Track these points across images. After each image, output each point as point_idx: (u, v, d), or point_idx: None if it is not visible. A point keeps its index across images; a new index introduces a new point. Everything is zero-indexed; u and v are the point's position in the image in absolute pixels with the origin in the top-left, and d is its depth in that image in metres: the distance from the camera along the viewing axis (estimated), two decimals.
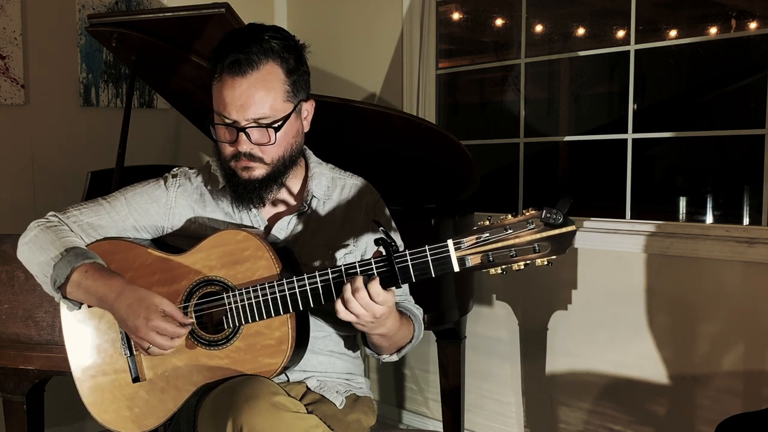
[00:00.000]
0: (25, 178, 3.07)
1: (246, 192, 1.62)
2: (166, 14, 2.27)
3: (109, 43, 2.42)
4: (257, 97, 1.54)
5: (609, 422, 2.74)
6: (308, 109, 1.67)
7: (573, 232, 1.34)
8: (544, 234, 1.35)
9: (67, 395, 2.93)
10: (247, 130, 1.56)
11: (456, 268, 1.38)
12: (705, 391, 2.49)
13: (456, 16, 3.36)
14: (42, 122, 3.10)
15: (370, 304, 1.42)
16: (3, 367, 2.04)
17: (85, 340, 1.68)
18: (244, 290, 1.53)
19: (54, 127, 3.13)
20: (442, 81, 3.34)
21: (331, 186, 1.73)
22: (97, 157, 2.96)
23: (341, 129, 2.48)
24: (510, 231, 1.36)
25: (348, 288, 1.43)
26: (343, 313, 1.45)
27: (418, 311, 1.73)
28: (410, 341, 1.67)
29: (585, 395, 2.80)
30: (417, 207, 2.70)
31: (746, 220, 2.60)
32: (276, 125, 1.57)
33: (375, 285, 1.41)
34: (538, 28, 3.09)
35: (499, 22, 3.27)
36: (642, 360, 2.63)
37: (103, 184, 2.50)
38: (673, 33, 2.77)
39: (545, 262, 1.36)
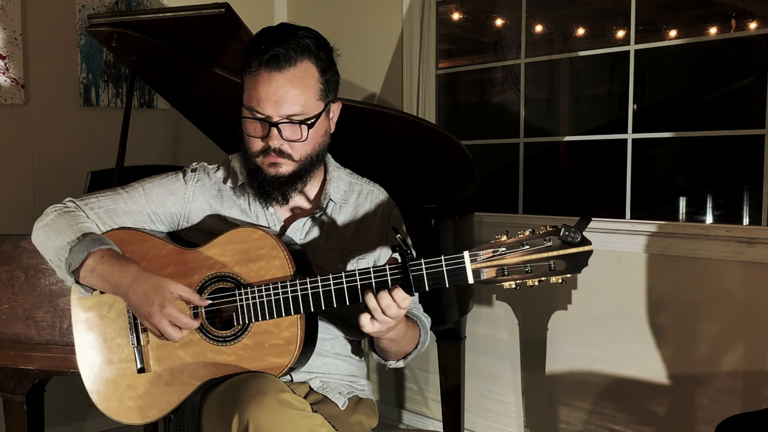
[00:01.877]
0: (25, 178, 3.08)
1: (271, 188, 1.62)
2: (167, 14, 2.27)
3: (109, 43, 2.42)
4: (293, 94, 1.55)
5: (609, 422, 2.74)
6: (335, 110, 1.68)
7: (590, 252, 1.34)
8: (561, 252, 1.34)
9: (67, 395, 2.94)
10: (279, 125, 1.56)
11: (471, 280, 1.38)
12: (705, 391, 2.49)
13: (456, 16, 3.36)
14: (42, 122, 3.10)
15: (400, 312, 1.44)
16: (3, 367, 2.04)
17: (92, 329, 1.68)
18: (256, 288, 1.53)
19: (54, 127, 3.13)
20: (442, 81, 3.34)
21: (348, 191, 1.73)
22: (97, 157, 2.96)
23: (341, 129, 2.47)
24: (527, 247, 1.35)
25: (375, 303, 1.43)
26: (368, 326, 1.45)
27: (426, 318, 1.73)
28: (416, 347, 1.67)
29: (585, 395, 2.80)
30: (417, 207, 2.70)
31: (746, 220, 2.60)
32: (309, 122, 1.57)
33: (399, 292, 1.42)
34: (538, 28, 3.09)
35: (499, 22, 3.27)
36: (642, 360, 2.63)
37: (103, 184, 2.49)
38: (673, 33, 2.77)
39: (560, 280, 1.36)
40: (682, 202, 2.91)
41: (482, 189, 2.66)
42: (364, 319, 1.45)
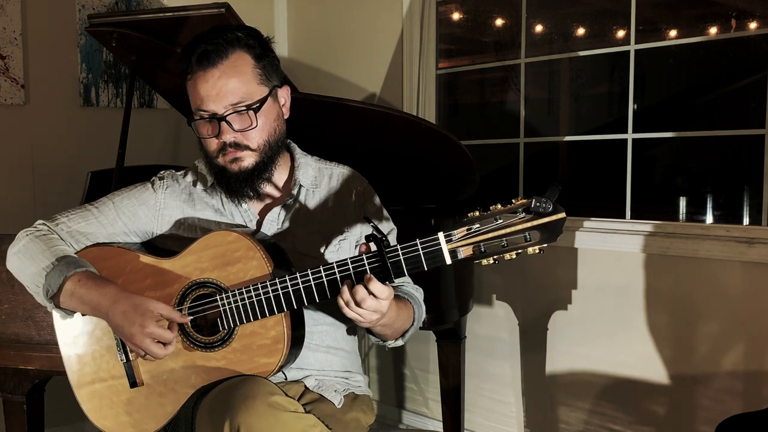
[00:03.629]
0: (25, 178, 3.07)
1: (238, 185, 1.63)
2: (167, 14, 2.27)
3: (109, 43, 2.42)
4: (231, 84, 1.56)
5: (609, 422, 2.74)
6: (284, 95, 1.69)
7: (563, 219, 1.34)
8: (535, 222, 1.35)
9: (67, 395, 2.93)
10: (227, 118, 1.57)
11: (448, 261, 1.39)
12: (705, 391, 2.49)
13: (456, 16, 3.35)
14: (42, 122, 3.10)
15: (380, 304, 1.43)
16: (3, 367, 2.04)
17: (80, 348, 1.68)
18: (237, 291, 1.53)
19: (54, 127, 3.13)
20: (442, 81, 3.34)
21: (318, 176, 1.73)
22: (97, 157, 2.96)
23: (341, 129, 2.48)
24: (500, 221, 1.36)
25: (350, 298, 1.43)
26: (346, 311, 1.46)
27: (417, 292, 1.73)
28: (412, 324, 1.67)
29: (585, 395, 2.80)
30: (417, 207, 2.70)
31: (746, 220, 2.60)
32: (255, 107, 1.58)
33: (376, 284, 1.42)
34: (538, 28, 3.09)
35: (499, 22, 3.27)
36: (642, 360, 2.63)
37: (103, 184, 2.49)
38: (673, 33, 2.77)
39: (537, 251, 1.36)
40: (682, 202, 2.91)
41: (482, 189, 2.66)
42: (341, 302, 1.46)
